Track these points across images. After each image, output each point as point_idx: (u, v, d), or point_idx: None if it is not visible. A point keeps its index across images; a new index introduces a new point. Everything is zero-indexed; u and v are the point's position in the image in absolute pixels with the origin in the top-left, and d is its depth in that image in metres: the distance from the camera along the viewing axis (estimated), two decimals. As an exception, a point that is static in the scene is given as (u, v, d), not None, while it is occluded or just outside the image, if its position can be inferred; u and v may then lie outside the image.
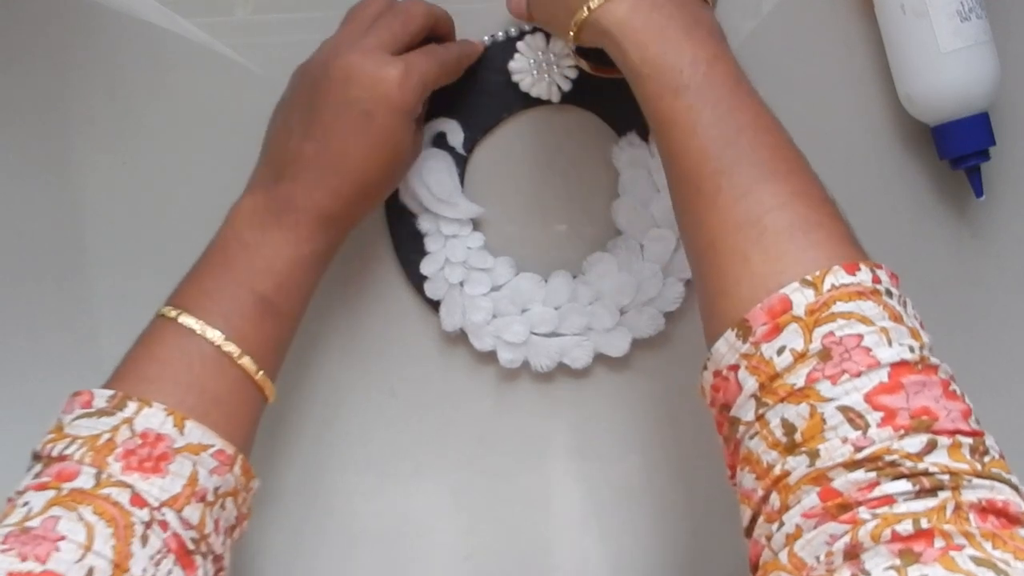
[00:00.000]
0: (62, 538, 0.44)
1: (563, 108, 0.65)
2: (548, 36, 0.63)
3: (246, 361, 0.52)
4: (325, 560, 0.66)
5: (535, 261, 0.65)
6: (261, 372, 0.52)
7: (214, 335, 0.51)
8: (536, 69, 0.63)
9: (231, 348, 0.51)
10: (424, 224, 0.64)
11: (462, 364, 0.66)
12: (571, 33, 0.53)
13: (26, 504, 0.46)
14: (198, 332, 0.51)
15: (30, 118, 0.65)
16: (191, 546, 0.47)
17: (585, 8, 0.51)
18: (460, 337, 0.65)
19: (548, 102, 0.64)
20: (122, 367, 0.52)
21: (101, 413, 0.48)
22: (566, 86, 0.63)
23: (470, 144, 0.64)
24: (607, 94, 0.63)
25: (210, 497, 0.49)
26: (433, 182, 0.62)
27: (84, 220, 0.65)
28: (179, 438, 0.48)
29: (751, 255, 0.45)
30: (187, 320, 0.51)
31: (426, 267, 0.64)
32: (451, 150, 0.64)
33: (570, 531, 0.66)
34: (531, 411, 0.66)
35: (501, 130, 0.65)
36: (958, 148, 0.63)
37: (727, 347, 0.45)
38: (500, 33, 0.64)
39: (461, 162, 0.64)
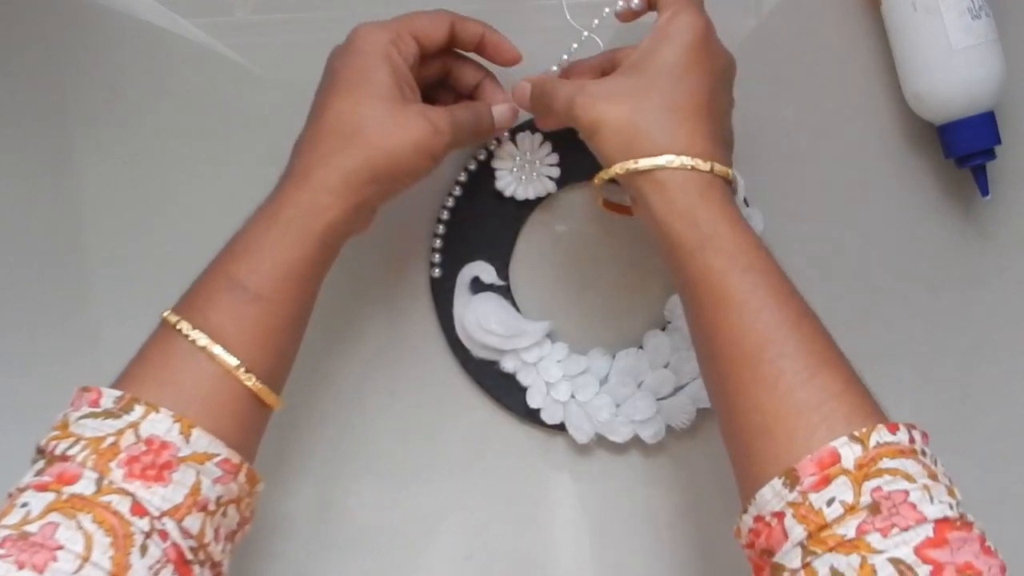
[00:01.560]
0: (60, 547, 0.43)
1: (565, 193, 0.65)
2: (515, 140, 0.63)
3: (222, 355, 0.49)
4: (326, 560, 0.66)
5: (614, 339, 0.66)
6: (243, 368, 0.49)
7: (189, 330, 0.49)
8: (522, 173, 0.63)
9: (204, 341, 0.49)
10: (508, 364, 0.64)
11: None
12: (629, 166, 0.52)
13: (25, 505, 0.45)
14: (176, 327, 0.49)
15: (30, 118, 0.65)
16: (189, 556, 0.47)
17: (663, 158, 0.51)
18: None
19: (548, 196, 0.64)
20: (127, 367, 0.51)
21: (107, 414, 0.47)
22: (555, 174, 0.64)
23: (504, 271, 0.65)
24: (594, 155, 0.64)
25: (211, 507, 0.48)
26: (494, 324, 0.63)
27: (84, 220, 0.65)
28: (184, 446, 0.47)
29: (811, 441, 0.46)
30: (171, 318, 0.50)
31: (533, 400, 0.64)
32: (491, 287, 0.64)
33: (571, 531, 0.66)
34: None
35: (522, 242, 0.66)
36: (964, 147, 0.63)
37: (772, 494, 0.46)
38: (472, 163, 0.64)
39: (506, 291, 0.65)
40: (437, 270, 0.64)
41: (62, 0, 0.64)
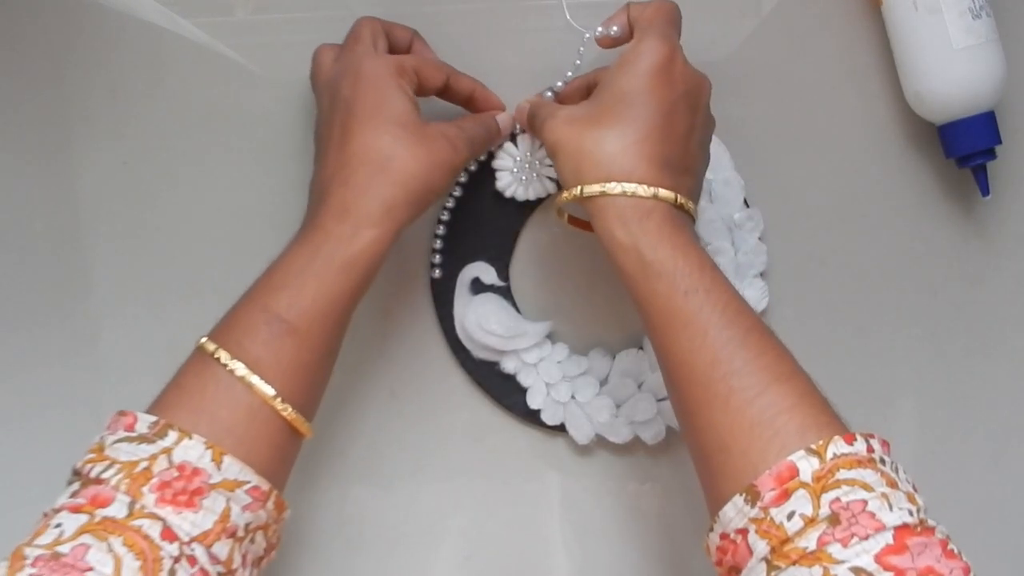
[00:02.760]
0: (90, 568, 0.43)
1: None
2: (515, 142, 0.63)
3: (260, 386, 0.50)
4: (325, 559, 0.66)
5: (614, 340, 0.66)
6: (279, 399, 0.50)
7: (227, 359, 0.50)
8: (522, 174, 0.63)
9: (243, 372, 0.50)
10: (508, 365, 0.64)
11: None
12: (576, 193, 0.53)
13: (59, 526, 0.45)
14: (213, 356, 0.50)
15: (30, 118, 0.65)
16: None
17: (604, 184, 0.52)
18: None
19: (548, 196, 0.64)
20: (162, 393, 0.51)
21: (142, 439, 0.48)
22: (555, 174, 0.63)
23: (504, 271, 0.65)
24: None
25: (240, 533, 0.48)
26: (495, 324, 0.63)
27: (84, 220, 0.65)
28: (215, 473, 0.48)
29: (767, 456, 0.47)
30: (208, 346, 0.51)
31: (534, 400, 0.64)
32: (492, 288, 0.64)
33: (570, 532, 0.66)
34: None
35: (522, 243, 0.66)
36: (965, 147, 0.63)
37: (735, 511, 0.46)
38: (472, 164, 0.64)
39: (507, 292, 0.65)
40: (437, 271, 0.64)
41: (62, 0, 0.64)
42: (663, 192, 0.52)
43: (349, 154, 0.54)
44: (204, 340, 0.51)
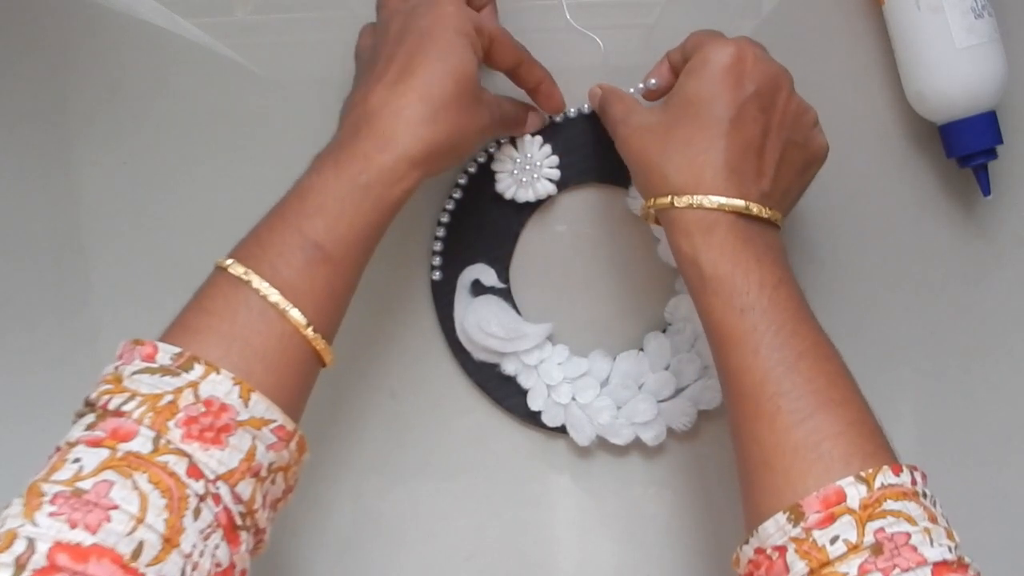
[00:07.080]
0: (115, 507, 0.42)
1: (565, 195, 0.65)
2: (515, 143, 0.63)
3: (294, 314, 0.49)
4: (325, 560, 0.66)
5: (614, 341, 0.66)
6: (311, 327, 0.50)
7: (259, 284, 0.49)
8: (522, 175, 0.63)
9: (276, 298, 0.49)
10: (508, 367, 0.64)
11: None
12: (648, 205, 0.55)
13: (77, 460, 0.43)
14: (244, 279, 0.49)
15: (30, 118, 0.65)
16: (239, 521, 0.46)
17: (671, 198, 0.53)
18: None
19: (548, 198, 0.64)
20: (184, 316, 0.50)
21: (164, 371, 0.46)
22: (555, 176, 0.63)
23: (504, 273, 0.65)
24: (594, 158, 0.64)
25: (263, 473, 0.47)
26: (495, 327, 0.63)
27: (84, 220, 0.65)
28: (243, 410, 0.46)
29: (807, 479, 0.47)
30: (236, 268, 0.49)
31: (534, 402, 0.64)
32: (492, 289, 0.64)
33: (571, 533, 0.66)
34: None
35: (522, 244, 0.66)
36: (966, 146, 0.63)
37: (775, 528, 0.47)
38: (472, 165, 0.64)
39: (507, 294, 0.65)
40: (437, 273, 0.64)
41: (62, 0, 0.64)
42: (728, 201, 0.52)
43: (409, 87, 0.53)
44: (229, 262, 0.50)
